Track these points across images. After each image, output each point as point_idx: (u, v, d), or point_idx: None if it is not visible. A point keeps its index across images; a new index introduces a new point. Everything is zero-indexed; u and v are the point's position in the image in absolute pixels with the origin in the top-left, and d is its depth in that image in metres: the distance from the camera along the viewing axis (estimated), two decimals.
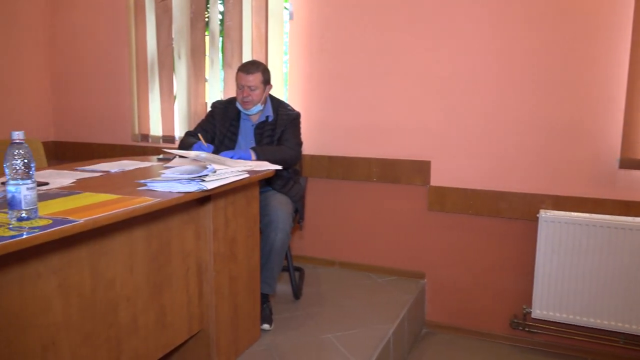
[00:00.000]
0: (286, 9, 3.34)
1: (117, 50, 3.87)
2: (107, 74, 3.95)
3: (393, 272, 3.26)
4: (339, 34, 3.22)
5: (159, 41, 3.70)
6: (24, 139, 1.27)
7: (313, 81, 3.31)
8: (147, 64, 3.75)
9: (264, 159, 2.44)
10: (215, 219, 2.04)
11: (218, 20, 3.52)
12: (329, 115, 3.29)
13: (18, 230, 1.18)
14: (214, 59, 3.54)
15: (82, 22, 3.99)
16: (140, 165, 2.37)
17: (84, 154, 4.05)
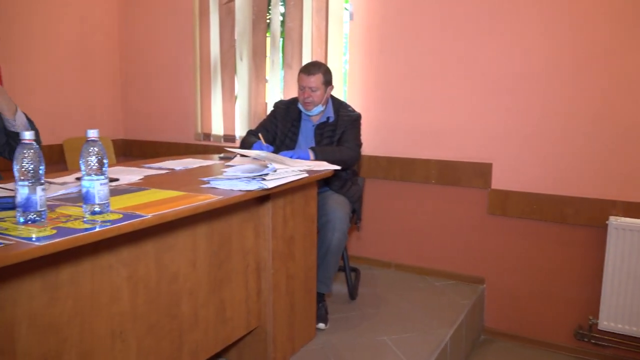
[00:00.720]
0: (346, 10, 3.35)
1: (182, 52, 4.00)
2: (172, 75, 4.09)
3: (451, 276, 3.19)
4: (398, 34, 3.19)
5: (222, 43, 3.79)
6: (98, 137, 1.34)
7: (372, 82, 3.30)
8: (210, 65, 3.86)
9: (323, 159, 2.45)
10: (274, 218, 2.07)
11: (279, 21, 3.57)
12: (388, 116, 3.27)
13: (92, 223, 1.24)
14: (274, 59, 3.60)
15: (150, 25, 4.15)
16: (203, 163, 2.44)
17: (150, 152, 4.22)
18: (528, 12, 2.82)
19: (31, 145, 1.21)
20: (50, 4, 3.75)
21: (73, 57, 3.96)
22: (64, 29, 3.87)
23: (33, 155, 1.20)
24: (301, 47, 3.45)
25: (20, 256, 1.04)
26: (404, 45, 3.18)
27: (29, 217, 1.21)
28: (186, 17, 3.94)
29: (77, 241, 1.15)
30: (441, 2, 3.05)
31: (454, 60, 3.04)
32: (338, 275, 3.12)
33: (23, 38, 3.58)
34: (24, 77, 3.59)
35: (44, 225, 1.20)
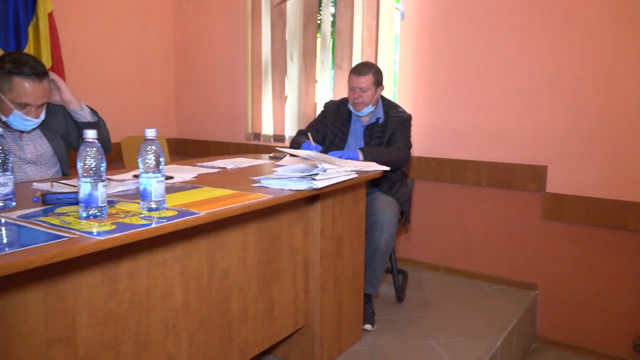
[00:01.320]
0: (397, 9, 3.32)
1: (234, 54, 4.08)
2: (224, 76, 4.18)
3: (502, 281, 3.11)
4: (450, 33, 3.13)
5: (273, 44, 3.84)
6: (155, 137, 1.39)
7: (423, 82, 3.26)
8: (261, 66, 3.92)
9: (372, 159, 2.44)
10: (323, 218, 2.08)
11: (329, 22, 3.58)
12: (438, 117, 3.22)
13: (149, 219, 1.29)
14: (324, 60, 3.61)
15: (204, 28, 4.26)
16: (253, 162, 2.48)
17: (202, 151, 4.33)
18: (588, 10, 2.71)
19: (93, 143, 1.26)
20: (110, 10, 3.90)
21: (131, 60, 4.10)
22: (122, 33, 4.02)
23: (95, 153, 1.25)
24: (351, 48, 3.45)
25: (83, 249, 1.09)
26: (456, 44, 3.12)
27: (90, 212, 1.26)
28: (239, 19, 4.01)
29: (135, 236, 1.19)
30: (493, 2, 2.97)
31: (507, 59, 2.96)
32: (385, 277, 3.10)
33: (85, 42, 3.74)
34: (85, 78, 3.75)
35: (104, 221, 1.25)
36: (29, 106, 1.90)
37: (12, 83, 1.85)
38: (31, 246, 1.06)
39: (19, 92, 1.86)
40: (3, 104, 1.88)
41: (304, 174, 1.81)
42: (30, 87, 1.87)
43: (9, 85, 1.85)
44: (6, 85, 1.86)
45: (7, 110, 1.88)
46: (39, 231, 1.17)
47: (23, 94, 1.86)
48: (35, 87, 1.88)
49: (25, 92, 1.86)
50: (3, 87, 1.86)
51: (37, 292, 1.19)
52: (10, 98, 1.86)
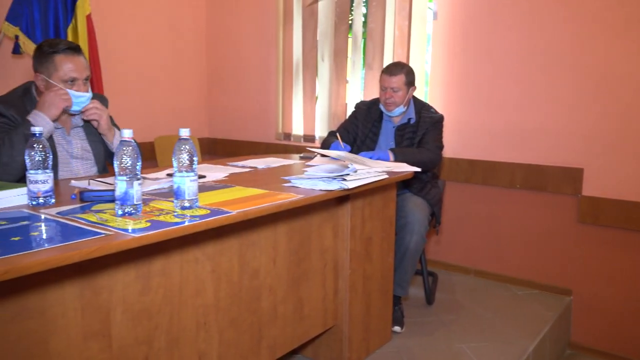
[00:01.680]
0: (430, 9, 3.29)
1: (265, 54, 4.11)
2: (256, 76, 4.21)
3: (535, 285, 3.05)
4: (483, 32, 3.09)
5: (304, 44, 3.85)
6: (189, 136, 1.41)
7: (455, 82, 3.22)
8: (292, 66, 3.94)
9: (403, 160, 2.43)
10: (352, 218, 2.07)
11: (361, 22, 3.57)
12: (471, 117, 3.17)
13: (182, 217, 1.31)
14: (355, 60, 3.61)
15: (236, 28, 4.30)
16: (284, 162, 2.49)
17: (233, 150, 4.37)
18: (631, 8, 2.63)
19: (130, 142, 1.29)
20: (144, 11, 3.98)
21: (164, 61, 4.17)
22: (156, 34, 4.09)
23: (131, 152, 1.28)
24: (383, 48, 3.43)
25: (119, 246, 1.11)
26: (489, 43, 3.07)
27: (126, 210, 1.29)
28: (270, 20, 4.04)
29: (169, 234, 1.21)
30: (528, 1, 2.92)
31: (542, 58, 2.90)
32: (415, 279, 3.08)
33: (120, 43, 3.82)
34: (120, 79, 3.84)
35: (139, 218, 1.28)
36: (76, 80, 1.95)
37: (54, 62, 1.92)
38: (69, 242, 1.08)
39: (64, 68, 1.92)
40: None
41: (335, 174, 1.81)
42: (71, 61, 1.93)
43: (53, 65, 1.92)
44: (51, 67, 1.92)
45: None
46: (77, 228, 1.20)
47: (68, 70, 1.93)
48: (76, 60, 1.95)
49: (69, 66, 1.93)
50: (49, 70, 1.93)
51: (74, 287, 1.22)
52: (58, 78, 1.92)
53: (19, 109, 1.91)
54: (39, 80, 1.95)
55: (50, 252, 1.03)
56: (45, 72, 1.93)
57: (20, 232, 1.15)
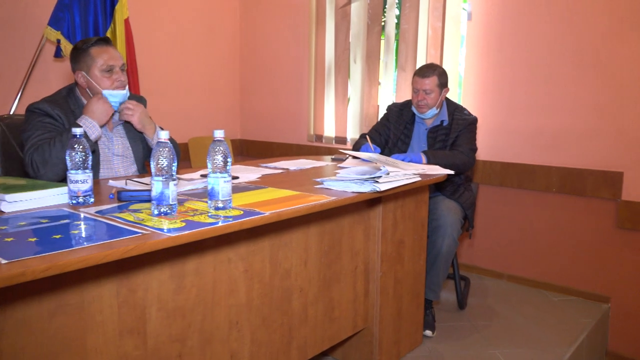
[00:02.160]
0: (464, 10, 3.25)
1: (298, 56, 4.13)
2: (288, 78, 4.24)
3: (571, 291, 2.97)
4: (519, 33, 3.03)
5: (337, 46, 3.86)
6: (224, 137, 1.42)
7: (489, 83, 3.17)
8: (324, 68, 3.94)
9: (435, 163, 2.40)
10: (384, 221, 2.06)
11: (394, 24, 3.55)
12: (506, 119, 3.12)
13: (216, 218, 1.32)
14: (388, 62, 3.59)
15: (269, 29, 4.33)
16: (316, 164, 2.50)
17: (265, 152, 4.40)
18: None
19: (166, 144, 1.31)
20: (180, 15, 4.05)
21: (198, 63, 4.24)
22: (191, 37, 4.16)
23: (167, 153, 1.30)
24: (416, 49, 3.40)
25: (155, 245, 1.13)
26: (526, 44, 3.01)
27: (162, 209, 1.31)
28: (303, 22, 4.05)
29: (203, 234, 1.23)
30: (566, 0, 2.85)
31: (579, 59, 2.83)
32: (447, 283, 3.04)
33: (156, 46, 3.90)
34: (156, 81, 3.91)
35: (175, 218, 1.30)
36: (114, 68, 2.00)
37: (90, 55, 1.98)
38: (107, 241, 1.11)
39: (101, 58, 1.98)
40: (92, 87, 2.00)
41: (367, 177, 1.80)
42: (105, 51, 2.00)
43: (90, 58, 1.98)
44: (88, 60, 1.99)
45: (98, 92, 2.00)
46: (115, 227, 1.23)
47: (104, 59, 1.98)
48: (110, 50, 2.01)
49: (105, 56, 1.99)
50: (87, 64, 1.99)
51: (112, 284, 1.25)
52: (96, 69, 1.98)
53: (64, 109, 1.97)
54: (79, 78, 2.01)
55: (89, 250, 1.05)
56: (84, 68, 1.99)
57: (60, 231, 1.19)
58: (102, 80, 1.99)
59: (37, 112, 1.93)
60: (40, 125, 1.90)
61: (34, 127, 1.90)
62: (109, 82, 2.00)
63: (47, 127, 1.91)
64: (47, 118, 1.93)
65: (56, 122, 1.93)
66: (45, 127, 1.90)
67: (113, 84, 2.00)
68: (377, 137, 2.74)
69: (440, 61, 3.29)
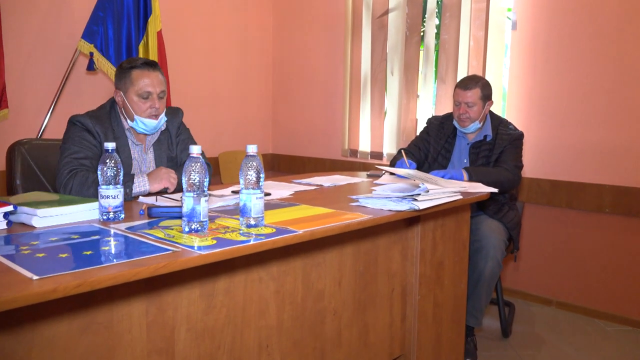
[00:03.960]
0: (508, 19, 3.23)
1: (333, 68, 4.17)
2: (322, 91, 4.27)
3: (627, 321, 2.87)
4: (566, 42, 2.98)
5: (373, 57, 3.88)
6: (257, 153, 1.44)
7: (536, 95, 3.12)
8: (360, 80, 3.96)
9: (478, 180, 2.38)
10: (423, 241, 2.04)
11: (433, 34, 3.55)
12: (553, 134, 3.06)
13: (248, 236, 1.34)
14: (427, 74, 3.58)
15: (302, 40, 4.39)
16: (351, 180, 2.50)
17: (297, 167, 4.44)
18: None
19: (198, 159, 1.34)
20: (212, 27, 4.15)
21: (230, 76, 4.32)
22: (223, 50, 4.25)
23: (199, 169, 1.33)
24: (457, 60, 3.39)
25: (186, 263, 1.15)
26: (573, 54, 2.96)
27: (192, 226, 1.34)
28: (338, 33, 4.09)
29: (234, 252, 1.24)
30: (620, 4, 2.79)
31: (632, 70, 2.76)
32: (490, 308, 2.98)
33: (188, 59, 4.00)
34: (188, 95, 4.00)
35: (206, 235, 1.32)
36: (151, 95, 2.06)
37: (131, 77, 2.04)
38: (138, 258, 1.14)
39: (139, 82, 2.04)
40: (127, 109, 2.07)
41: (405, 194, 1.79)
42: (146, 75, 2.05)
43: (130, 80, 2.05)
44: (128, 82, 2.05)
45: (132, 115, 2.07)
46: (145, 243, 1.26)
47: (142, 84, 2.04)
48: (152, 75, 2.06)
49: (145, 82, 2.04)
50: (126, 85, 2.06)
51: (141, 303, 1.28)
52: (133, 92, 2.04)
53: (105, 126, 2.05)
54: (117, 97, 2.09)
55: (119, 267, 1.08)
56: (122, 88, 2.06)
57: (91, 246, 1.22)
58: (137, 104, 2.05)
59: (78, 126, 2.01)
60: (78, 141, 1.98)
61: (72, 141, 1.98)
62: (144, 107, 2.05)
63: (84, 144, 1.98)
64: (87, 134, 2.00)
65: (94, 139, 2.01)
66: (82, 144, 1.98)
67: (146, 111, 2.06)
68: (416, 152, 2.73)
69: (482, 73, 3.27)
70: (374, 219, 1.62)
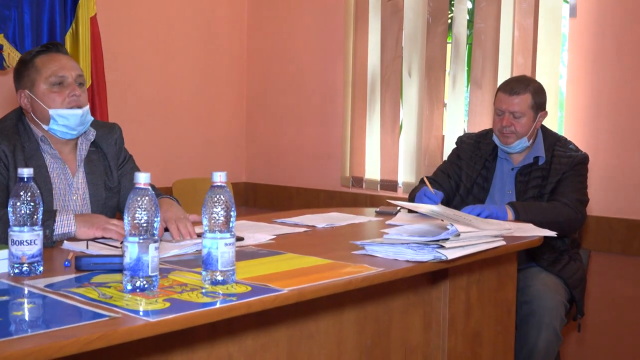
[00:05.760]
0: (566, 2, 3.29)
1: (328, 67, 4.21)
2: (314, 98, 4.30)
3: None
4: None
5: (384, 53, 3.91)
6: (225, 183, 1.46)
7: (603, 106, 3.17)
8: (366, 83, 4.00)
9: (527, 219, 2.40)
10: (452, 303, 2.05)
11: (465, 21, 3.60)
12: (629, 158, 3.10)
13: (212, 296, 1.34)
14: (456, 75, 3.62)
15: (288, 31, 4.43)
16: (354, 219, 2.51)
17: (280, 200, 4.44)
18: None
19: (146, 191, 1.35)
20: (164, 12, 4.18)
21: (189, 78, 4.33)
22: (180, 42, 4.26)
23: (147, 204, 1.34)
24: (496, 57, 3.43)
25: (127, 334, 1.15)
26: None
27: (137, 283, 1.34)
28: (336, 20, 4.14)
29: (194, 319, 1.24)
30: None
31: None
32: None
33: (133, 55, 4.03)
34: (131, 101, 4.01)
35: (155, 296, 1.32)
36: (65, 80, 2.08)
37: (35, 66, 2.07)
38: (62, 327, 1.14)
39: (48, 67, 2.06)
40: (37, 108, 2.07)
41: (428, 239, 1.81)
42: (55, 58, 2.08)
43: (34, 70, 2.07)
44: (32, 73, 2.08)
45: (45, 114, 2.07)
46: (72, 307, 1.26)
47: (53, 68, 2.06)
48: (61, 58, 2.10)
49: (53, 65, 2.07)
50: (31, 78, 2.08)
51: None
52: (43, 82, 2.06)
53: (12, 142, 2.05)
54: (22, 100, 2.10)
55: (36, 339, 1.08)
56: (27, 85, 2.08)
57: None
58: (49, 96, 2.06)
59: None
60: None
61: None
62: (60, 98, 2.07)
63: None
64: None
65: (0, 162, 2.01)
66: None
67: (64, 100, 2.07)
68: (444, 181, 2.76)
69: (532, 73, 3.31)
70: (386, 273, 1.63)
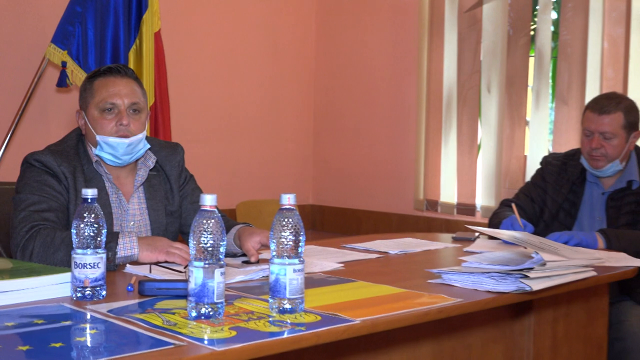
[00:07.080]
0: None
1: (399, 82, 4.21)
2: (385, 116, 4.30)
3: None
4: None
5: (461, 68, 3.91)
6: (295, 206, 1.47)
7: None
8: (441, 101, 3.99)
9: (620, 248, 2.36)
10: (537, 339, 2.02)
11: (549, 33, 3.57)
12: None
13: (280, 325, 1.35)
14: (540, 90, 3.59)
15: (358, 44, 4.46)
16: (429, 246, 2.50)
17: (348, 224, 4.44)
18: None
19: (212, 213, 1.37)
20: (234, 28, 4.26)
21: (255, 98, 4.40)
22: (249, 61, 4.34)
23: (214, 227, 1.36)
24: (584, 71, 3.39)
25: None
26: None
27: (202, 310, 1.36)
28: (410, 32, 4.14)
29: (262, 349, 1.24)
30: None
31: None
32: None
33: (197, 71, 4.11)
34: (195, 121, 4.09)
35: (221, 324, 1.34)
36: (116, 107, 2.08)
37: (92, 89, 2.10)
38: (125, 354, 1.16)
39: (101, 92, 2.08)
40: (89, 132, 2.10)
41: (510, 268, 1.78)
42: (112, 83, 2.09)
43: (91, 92, 2.10)
44: (88, 95, 2.11)
45: (93, 138, 2.09)
46: (135, 333, 1.28)
47: (105, 94, 2.07)
48: (118, 82, 2.10)
49: (107, 90, 2.08)
50: (87, 101, 2.11)
51: None
52: (93, 108, 2.08)
53: (73, 164, 2.09)
54: (79, 120, 2.15)
55: None
56: (83, 106, 2.12)
57: (61, 336, 1.25)
58: (98, 122, 2.07)
59: (37, 167, 2.05)
60: (37, 188, 2.01)
61: (30, 188, 2.02)
62: (108, 126, 2.07)
63: (46, 191, 2.01)
64: (49, 177, 2.04)
65: (59, 184, 2.05)
66: (44, 192, 2.01)
67: (112, 128, 2.06)
68: (527, 205, 2.74)
69: (624, 89, 3.25)
70: (464, 305, 1.61)
